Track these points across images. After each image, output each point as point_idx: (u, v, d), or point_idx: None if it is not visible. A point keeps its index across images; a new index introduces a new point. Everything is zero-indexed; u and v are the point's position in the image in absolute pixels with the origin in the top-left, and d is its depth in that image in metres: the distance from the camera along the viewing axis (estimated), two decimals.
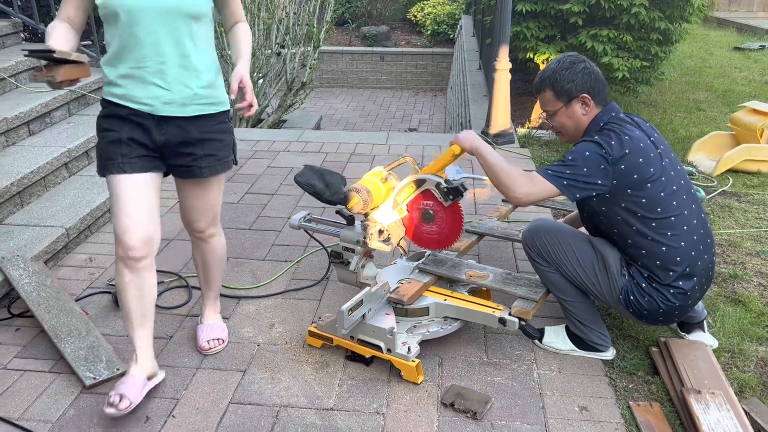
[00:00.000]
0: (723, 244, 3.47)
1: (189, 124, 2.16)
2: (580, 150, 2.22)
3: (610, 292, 2.35)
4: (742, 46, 9.74)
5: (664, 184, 2.22)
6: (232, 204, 3.94)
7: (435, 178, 2.49)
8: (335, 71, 13.37)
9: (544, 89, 2.35)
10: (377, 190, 2.50)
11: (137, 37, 2.02)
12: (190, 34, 2.08)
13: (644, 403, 2.27)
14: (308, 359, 2.49)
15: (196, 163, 2.22)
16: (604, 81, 2.34)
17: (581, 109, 2.31)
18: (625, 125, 2.27)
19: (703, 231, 2.29)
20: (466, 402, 2.25)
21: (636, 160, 2.19)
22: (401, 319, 2.51)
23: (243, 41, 2.27)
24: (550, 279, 2.45)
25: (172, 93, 2.10)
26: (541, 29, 5.63)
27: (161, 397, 2.27)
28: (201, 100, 2.16)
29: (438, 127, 10.41)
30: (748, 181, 4.39)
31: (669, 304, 2.26)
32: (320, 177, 2.61)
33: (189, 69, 2.10)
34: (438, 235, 2.60)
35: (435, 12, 13.65)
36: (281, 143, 5.12)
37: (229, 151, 2.30)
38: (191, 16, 2.06)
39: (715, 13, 13.33)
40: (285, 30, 6.75)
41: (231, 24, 2.31)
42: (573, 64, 2.29)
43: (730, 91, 7.07)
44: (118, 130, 2.11)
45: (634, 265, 2.30)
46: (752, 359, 2.52)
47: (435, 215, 2.56)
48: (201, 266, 2.54)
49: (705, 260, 2.29)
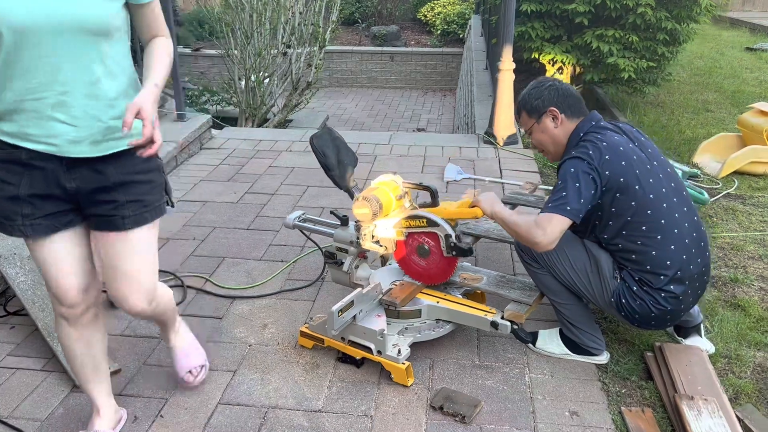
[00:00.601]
0: (725, 248, 3.42)
1: (106, 165, 1.76)
2: (565, 171, 2.23)
3: (602, 295, 2.33)
4: (754, 47, 9.63)
5: (653, 186, 2.21)
6: (232, 204, 3.94)
7: (448, 228, 2.42)
8: (345, 71, 13.37)
9: (520, 112, 2.47)
10: (389, 205, 2.45)
11: (28, 62, 1.61)
12: (100, 56, 1.67)
13: (636, 409, 2.24)
14: (299, 360, 2.49)
15: (117, 212, 1.80)
16: (577, 96, 2.40)
17: (552, 122, 2.38)
18: (604, 132, 2.28)
19: (695, 234, 2.26)
20: (455, 405, 2.23)
21: (618, 163, 2.19)
22: (393, 320, 2.50)
23: (156, 58, 1.80)
24: (542, 281, 2.43)
25: (80, 129, 1.68)
26: (546, 29, 5.60)
27: (151, 397, 2.28)
28: (118, 134, 1.74)
29: (446, 127, 10.38)
30: (754, 183, 4.33)
31: (660, 308, 2.23)
32: (335, 150, 2.55)
33: (100, 98, 1.69)
34: (423, 271, 2.56)
35: (445, 12, 13.60)
36: (284, 143, 5.12)
37: (159, 193, 1.89)
38: (99, 33, 1.65)
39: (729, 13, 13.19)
40: (291, 30, 6.76)
41: (148, 39, 1.85)
42: (540, 83, 2.42)
43: (740, 92, 6.98)
44: (16, 183, 1.73)
45: (626, 269, 2.28)
46: (749, 365, 2.48)
47: (429, 254, 2.52)
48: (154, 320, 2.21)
49: (698, 264, 2.26)
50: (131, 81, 1.79)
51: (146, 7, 1.80)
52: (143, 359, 2.48)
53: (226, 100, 7.19)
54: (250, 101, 6.67)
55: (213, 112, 7.18)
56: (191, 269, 3.16)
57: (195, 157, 4.81)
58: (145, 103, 1.63)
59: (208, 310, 2.82)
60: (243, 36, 6.48)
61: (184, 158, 4.71)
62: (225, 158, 4.78)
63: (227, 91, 6.99)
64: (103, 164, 1.76)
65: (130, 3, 1.76)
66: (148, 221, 1.86)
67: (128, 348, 2.55)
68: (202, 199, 4.02)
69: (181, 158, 4.67)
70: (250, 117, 6.78)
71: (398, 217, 2.48)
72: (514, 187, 4.15)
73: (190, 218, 3.73)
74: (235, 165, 4.64)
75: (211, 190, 4.16)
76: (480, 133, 5.31)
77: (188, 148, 4.77)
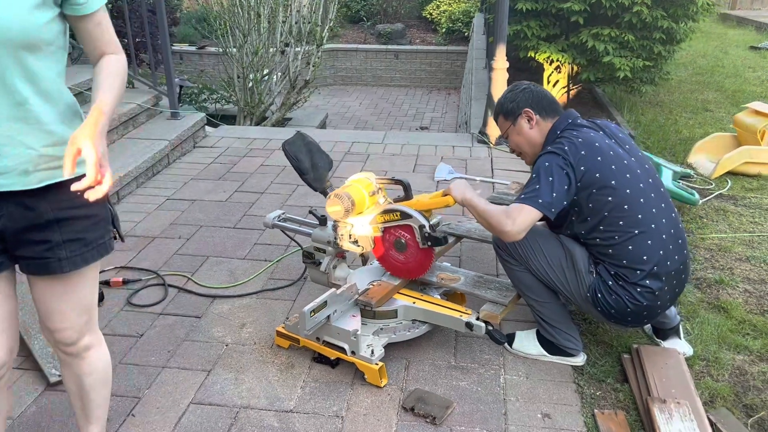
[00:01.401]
0: (713, 249, 3.39)
1: (38, 199, 1.52)
2: (540, 165, 2.24)
3: (578, 290, 2.31)
4: (758, 46, 9.53)
5: (629, 182, 2.21)
6: (220, 202, 3.95)
7: (422, 219, 2.42)
8: (349, 69, 13.36)
9: (497, 117, 2.51)
10: (362, 201, 2.46)
11: None
12: (25, 72, 1.43)
13: (609, 412, 2.23)
14: (275, 360, 2.49)
15: (52, 254, 1.55)
16: (551, 98, 2.44)
17: (527, 124, 2.41)
18: (580, 129, 2.30)
19: (673, 231, 2.26)
20: (427, 407, 2.23)
21: (594, 158, 2.20)
22: (368, 321, 2.50)
23: (104, 79, 1.53)
24: (520, 279, 2.42)
25: (5, 158, 1.45)
26: (542, 28, 5.56)
27: (124, 395, 2.29)
28: (52, 163, 1.50)
29: (450, 126, 10.34)
30: (747, 184, 4.29)
31: (636, 303, 2.22)
32: (309, 154, 2.56)
33: (29, 121, 1.46)
34: (402, 266, 2.55)
35: (450, 10, 13.55)
36: (277, 141, 5.12)
37: (103, 230, 1.64)
38: (25, 47, 1.41)
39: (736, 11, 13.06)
40: (288, 29, 6.76)
41: (96, 57, 1.59)
42: (515, 87, 2.47)
43: (741, 92, 6.91)
44: None
45: (602, 263, 2.27)
46: (727, 368, 2.46)
47: (407, 248, 2.51)
48: (76, 393, 1.82)
49: (675, 261, 2.24)
50: (68, 102, 1.56)
51: (88, 20, 1.52)
52: (119, 358, 2.49)
53: (225, 98, 7.21)
54: (248, 99, 6.68)
55: (212, 110, 7.21)
56: (175, 268, 3.17)
57: (188, 155, 4.82)
58: (87, 137, 1.36)
59: (187, 309, 2.83)
60: (241, 34, 6.49)
61: (176, 156, 4.72)
62: (217, 156, 4.79)
63: (226, 89, 7.00)
64: (35, 199, 1.51)
65: (68, 14, 1.50)
66: (89, 262, 1.61)
67: None
68: (192, 197, 4.03)
69: (174, 156, 4.68)
70: (249, 115, 6.80)
71: (373, 213, 2.48)
72: (503, 187, 4.13)
73: (177, 216, 3.74)
74: (227, 163, 4.65)
75: (201, 189, 4.17)
76: (474, 132, 5.29)
77: (181, 146, 4.78)
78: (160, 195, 4.06)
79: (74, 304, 1.66)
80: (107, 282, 2.98)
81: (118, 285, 2.98)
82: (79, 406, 1.84)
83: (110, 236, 1.68)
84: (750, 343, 2.60)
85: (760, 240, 3.49)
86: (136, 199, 4.01)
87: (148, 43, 5.04)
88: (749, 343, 2.59)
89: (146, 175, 4.29)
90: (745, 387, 2.36)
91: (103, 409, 1.88)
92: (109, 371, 1.84)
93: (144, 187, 4.20)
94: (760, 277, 3.11)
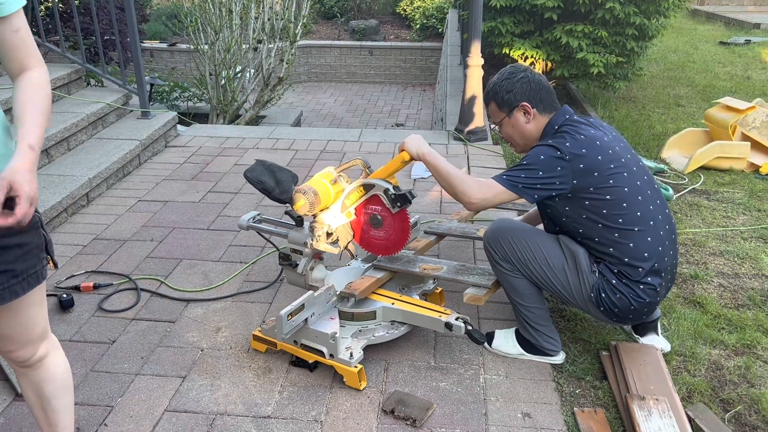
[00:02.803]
0: (687, 244, 3.42)
1: None
2: (535, 154, 2.22)
3: (580, 292, 2.29)
4: (727, 41, 9.68)
5: (627, 180, 2.20)
6: (193, 203, 3.88)
7: (383, 183, 2.42)
8: (324, 65, 13.27)
9: (488, 102, 2.42)
10: (325, 191, 2.45)
11: None
12: None
13: (589, 410, 2.23)
14: (251, 365, 2.44)
15: None
16: (549, 88, 2.36)
17: (523, 117, 2.35)
18: (579, 126, 2.28)
19: (668, 227, 2.27)
20: (407, 409, 2.20)
21: (595, 157, 2.18)
22: (347, 323, 2.46)
23: (29, 104, 1.41)
24: (512, 283, 2.38)
25: None
26: (516, 24, 5.57)
27: (95, 404, 2.22)
28: None
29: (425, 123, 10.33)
30: (720, 178, 4.34)
31: (640, 300, 2.22)
32: (270, 173, 2.55)
33: None
34: (386, 241, 2.54)
35: (424, 6, 13.54)
36: (251, 140, 5.05)
37: (35, 258, 1.51)
38: None
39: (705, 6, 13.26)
40: (261, 25, 6.68)
41: (15, 73, 1.46)
42: (512, 75, 2.35)
43: (711, 87, 7.01)
44: None
45: (603, 262, 2.26)
46: (704, 363, 2.48)
47: (383, 221, 2.50)
48: (37, 404, 1.73)
49: (671, 256, 2.27)
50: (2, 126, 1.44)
51: (5, 25, 1.39)
52: (90, 366, 2.42)
53: (197, 96, 7.10)
54: (221, 97, 6.58)
55: (184, 109, 7.08)
56: (147, 271, 3.10)
57: (159, 155, 4.73)
58: (18, 175, 1.28)
59: (160, 314, 2.76)
60: (212, 31, 6.39)
61: (147, 156, 4.63)
62: (190, 156, 4.70)
63: (198, 87, 6.89)
64: None
65: None
66: (19, 294, 1.50)
67: (76, 354, 2.49)
68: (164, 198, 3.95)
69: (145, 156, 4.59)
70: (222, 113, 6.69)
71: (340, 200, 2.46)
72: None
73: (149, 218, 3.66)
74: (200, 163, 4.57)
75: (174, 189, 4.09)
76: (450, 129, 5.28)
77: (152, 146, 4.69)
78: (131, 196, 3.97)
79: (21, 328, 1.58)
80: (77, 287, 2.90)
81: (89, 290, 2.90)
82: (42, 417, 1.75)
83: (43, 264, 1.56)
84: (725, 337, 2.62)
85: (733, 234, 3.53)
86: (106, 201, 3.91)
87: (116, 40, 4.93)
88: (724, 338, 2.61)
89: (116, 176, 4.19)
90: (722, 381, 2.38)
91: (69, 418, 1.78)
92: (69, 377, 1.76)
93: (114, 188, 4.11)
94: (734, 271, 3.14)
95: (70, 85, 4.83)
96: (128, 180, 4.25)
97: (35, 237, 1.52)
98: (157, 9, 12.66)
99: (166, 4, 12.88)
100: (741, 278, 3.08)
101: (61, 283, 2.94)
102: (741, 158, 4.43)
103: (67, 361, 1.76)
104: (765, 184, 4.22)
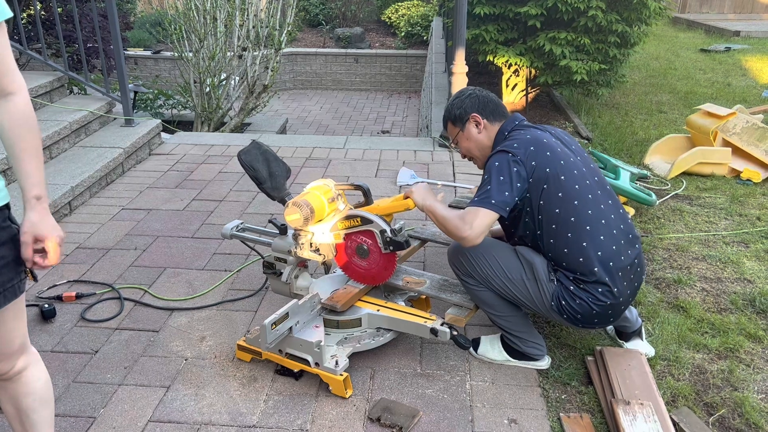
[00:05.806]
0: (671, 249, 3.45)
1: None
2: (490, 166, 2.27)
3: (541, 301, 2.31)
4: (708, 48, 9.81)
5: (577, 178, 2.25)
6: (177, 211, 3.85)
7: (383, 224, 2.38)
8: (309, 73, 13.28)
9: (446, 124, 2.53)
10: (321, 208, 2.41)
11: None
12: None
13: (575, 415, 2.23)
14: (236, 374, 2.42)
15: None
16: (497, 101, 2.47)
17: (475, 129, 2.45)
18: (527, 129, 2.36)
19: (623, 227, 2.30)
20: (393, 417, 2.20)
21: (543, 154, 2.24)
22: (332, 330, 2.45)
23: (22, 148, 1.41)
24: (479, 297, 2.40)
25: None
26: (500, 32, 5.61)
27: (77, 416, 2.19)
28: None
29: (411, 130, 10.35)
30: (702, 184, 4.39)
31: (600, 303, 2.23)
32: (266, 163, 2.51)
33: None
34: (365, 272, 2.52)
35: (409, 14, 13.60)
36: (236, 148, 5.03)
37: (12, 272, 1.48)
38: None
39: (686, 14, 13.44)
40: (246, 33, 6.67)
41: None
42: (461, 94, 2.49)
43: (692, 93, 7.10)
44: None
45: (560, 269, 2.28)
46: (688, 367, 2.49)
47: (369, 254, 2.48)
48: (15, 416, 1.69)
49: (629, 256, 2.27)
50: None
51: None
52: (73, 376, 2.39)
53: (181, 103, 7.06)
54: (205, 105, 6.55)
55: (168, 117, 7.05)
56: (131, 280, 3.07)
57: (143, 163, 4.70)
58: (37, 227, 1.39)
59: (144, 323, 2.74)
60: (197, 39, 6.37)
61: (131, 164, 4.59)
62: (174, 164, 4.68)
63: (182, 94, 6.86)
64: None
65: None
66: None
67: (58, 365, 2.45)
68: (148, 206, 3.92)
69: (128, 164, 4.55)
70: (206, 121, 6.66)
71: (333, 220, 2.44)
72: (465, 191, 4.14)
73: (133, 227, 3.63)
74: (184, 171, 4.54)
75: (158, 197, 4.06)
76: (436, 136, 5.30)
77: (136, 154, 4.65)
78: (115, 205, 3.93)
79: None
80: (59, 297, 2.86)
81: (71, 300, 2.87)
82: (21, 430, 1.72)
83: (21, 277, 1.53)
84: (708, 341, 2.64)
85: (715, 239, 3.57)
86: (89, 209, 3.87)
87: (99, 48, 4.89)
88: (708, 342, 2.64)
89: (100, 184, 4.16)
90: (705, 385, 2.40)
91: (48, 431, 1.75)
92: (48, 390, 1.73)
93: (98, 196, 4.07)
94: (716, 275, 3.18)
95: (53, 92, 4.79)
96: (112, 188, 4.21)
97: (12, 250, 1.48)
98: (141, 17, 12.60)
99: (150, 12, 12.83)
100: (723, 282, 3.11)
101: (43, 293, 2.91)
102: (722, 164, 4.49)
103: (47, 375, 1.73)
104: (746, 189, 4.27)
